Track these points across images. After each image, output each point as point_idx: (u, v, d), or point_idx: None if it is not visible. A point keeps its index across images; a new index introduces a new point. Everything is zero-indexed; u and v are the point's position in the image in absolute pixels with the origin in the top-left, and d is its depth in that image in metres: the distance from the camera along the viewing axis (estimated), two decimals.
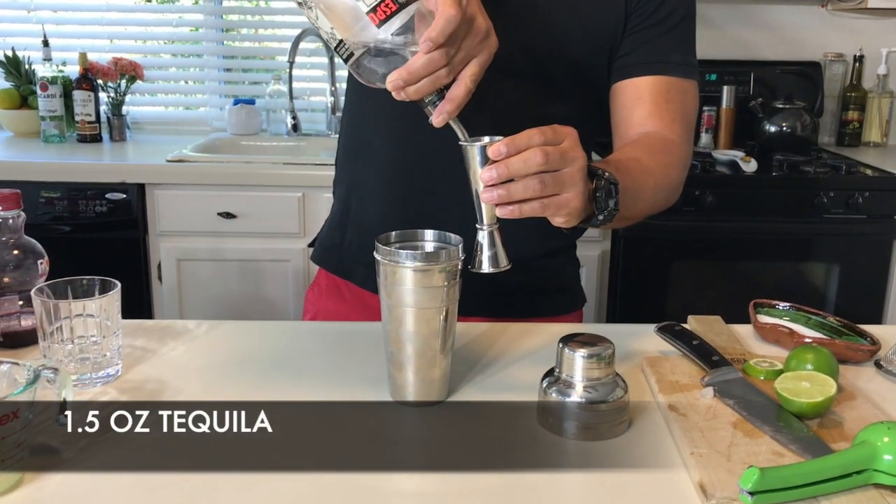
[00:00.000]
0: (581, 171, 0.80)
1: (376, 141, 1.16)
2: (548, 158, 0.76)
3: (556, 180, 0.78)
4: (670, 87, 1.08)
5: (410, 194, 1.14)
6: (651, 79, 1.07)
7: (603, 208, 0.85)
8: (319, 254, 1.27)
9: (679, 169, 1.07)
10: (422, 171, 1.12)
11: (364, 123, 1.19)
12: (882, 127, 2.83)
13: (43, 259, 0.98)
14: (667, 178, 1.04)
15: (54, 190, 2.25)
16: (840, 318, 1.04)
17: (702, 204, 2.29)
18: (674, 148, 1.06)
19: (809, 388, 0.81)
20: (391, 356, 0.86)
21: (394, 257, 0.82)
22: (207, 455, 0.76)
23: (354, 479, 0.72)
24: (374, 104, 1.15)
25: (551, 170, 0.77)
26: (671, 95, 1.08)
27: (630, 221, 0.99)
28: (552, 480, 0.73)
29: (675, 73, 1.08)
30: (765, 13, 2.80)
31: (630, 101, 1.08)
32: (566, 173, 0.78)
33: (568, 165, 0.78)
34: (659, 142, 1.06)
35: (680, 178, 1.08)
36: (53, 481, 0.71)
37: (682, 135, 1.08)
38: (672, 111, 1.07)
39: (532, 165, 0.76)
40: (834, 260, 2.38)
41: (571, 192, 0.79)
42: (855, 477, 0.68)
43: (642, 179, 0.97)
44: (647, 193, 0.99)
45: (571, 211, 0.80)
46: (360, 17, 0.76)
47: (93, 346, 0.87)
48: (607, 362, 0.79)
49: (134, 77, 2.67)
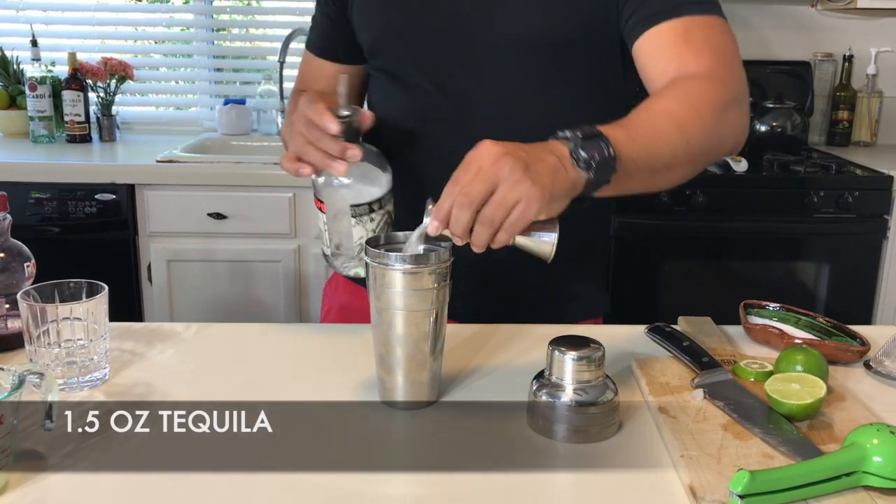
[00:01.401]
0: (522, 170, 0.75)
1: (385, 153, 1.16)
2: (472, 204, 0.75)
3: (497, 207, 0.75)
4: (689, 25, 0.96)
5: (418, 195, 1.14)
6: (664, 25, 0.97)
7: (589, 162, 0.79)
8: None
9: (714, 99, 0.91)
10: (427, 170, 1.12)
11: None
12: (871, 126, 2.84)
13: (29, 262, 0.97)
14: (696, 113, 0.90)
15: (43, 191, 2.24)
16: (830, 318, 1.04)
17: (692, 204, 2.29)
18: (700, 82, 0.93)
19: (799, 390, 0.81)
20: (381, 359, 0.86)
21: (383, 259, 0.81)
22: (194, 458, 0.75)
23: (343, 481, 0.72)
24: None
25: (482, 203, 0.75)
26: (691, 33, 0.96)
27: (670, 173, 0.89)
28: (542, 483, 0.73)
29: (692, 12, 0.97)
30: (755, 13, 2.80)
31: (650, 57, 0.99)
32: (507, 188, 0.75)
33: (503, 181, 0.75)
34: (678, 79, 0.94)
35: (719, 110, 0.92)
36: (39, 486, 0.70)
37: (713, 65, 0.94)
38: (695, 47, 0.95)
39: (463, 222, 0.76)
40: (824, 259, 2.39)
41: (528, 192, 0.75)
42: (844, 479, 0.68)
43: (654, 122, 0.88)
44: (672, 136, 0.87)
45: (533, 206, 0.75)
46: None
47: (80, 350, 0.87)
48: (597, 364, 0.79)
49: (124, 77, 2.65)
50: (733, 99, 0.95)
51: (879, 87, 2.84)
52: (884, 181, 2.34)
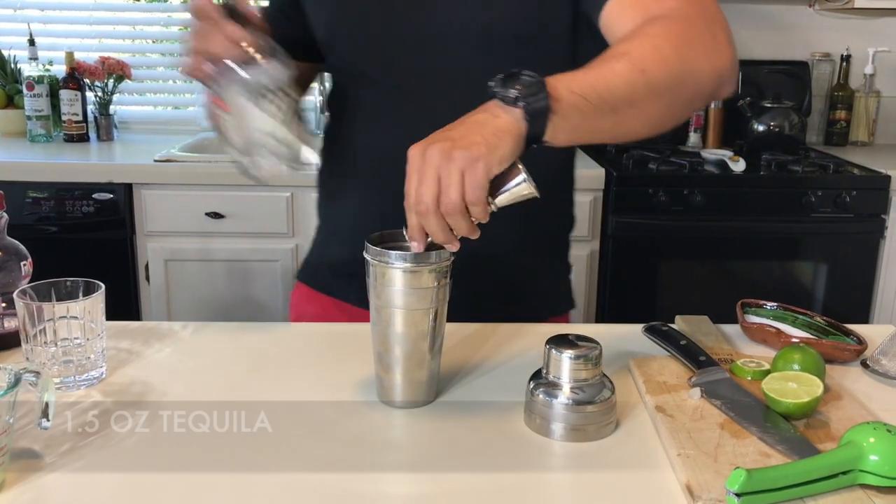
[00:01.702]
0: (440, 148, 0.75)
1: (351, 153, 1.15)
2: (431, 208, 0.75)
3: (451, 192, 0.74)
4: None
5: (384, 201, 1.13)
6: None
7: (515, 97, 0.76)
8: (304, 270, 1.27)
9: (673, 29, 0.86)
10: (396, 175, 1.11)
11: (341, 135, 1.17)
12: (869, 126, 2.85)
13: (26, 261, 0.97)
14: (650, 44, 0.85)
15: (41, 190, 2.24)
16: (827, 317, 1.04)
17: (690, 203, 2.30)
18: (661, 20, 0.87)
19: (796, 389, 0.81)
20: (379, 357, 0.86)
21: (383, 257, 0.81)
22: (191, 457, 0.75)
23: (341, 480, 0.72)
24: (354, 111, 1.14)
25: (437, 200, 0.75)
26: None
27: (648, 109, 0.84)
28: (539, 481, 0.73)
29: None
30: (753, 13, 2.80)
31: (615, 23, 0.94)
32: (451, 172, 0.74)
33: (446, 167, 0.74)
34: (641, 25, 0.89)
35: (679, 36, 0.86)
36: (35, 485, 0.70)
37: (677, 5, 0.89)
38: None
39: (437, 227, 0.76)
40: (822, 259, 2.39)
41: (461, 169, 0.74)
42: (841, 477, 0.68)
43: (603, 59, 0.84)
44: (620, 67, 0.82)
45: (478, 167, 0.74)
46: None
47: (76, 349, 0.87)
48: (594, 363, 0.79)
49: (121, 76, 2.65)
50: (700, 29, 0.88)
51: (877, 87, 2.85)
52: (881, 181, 2.35)
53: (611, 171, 2.29)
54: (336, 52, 1.13)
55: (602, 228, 2.33)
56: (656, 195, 2.29)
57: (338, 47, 1.12)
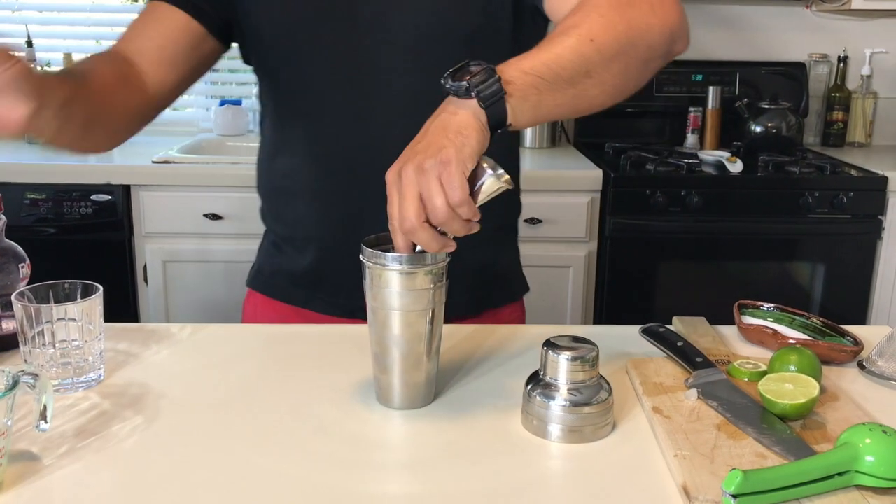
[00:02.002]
0: (415, 165, 0.75)
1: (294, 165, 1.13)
2: (417, 224, 0.75)
3: (435, 201, 0.74)
4: None
5: (332, 211, 1.11)
6: None
7: (467, 89, 0.76)
8: (257, 279, 1.24)
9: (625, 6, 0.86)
10: (346, 173, 1.10)
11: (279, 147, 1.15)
12: (866, 127, 2.85)
13: (24, 263, 0.97)
14: (594, 12, 0.85)
15: (39, 191, 2.24)
16: (824, 318, 1.04)
17: (688, 204, 2.30)
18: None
19: (793, 390, 0.81)
20: (376, 359, 0.86)
21: (379, 259, 0.81)
22: (189, 459, 0.75)
23: (338, 481, 0.72)
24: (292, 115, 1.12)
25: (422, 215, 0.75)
26: None
27: (605, 77, 0.84)
28: (536, 483, 0.73)
29: None
30: (750, 14, 2.81)
31: (561, 5, 0.95)
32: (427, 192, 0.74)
33: (418, 190, 0.75)
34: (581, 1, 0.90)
35: (637, 10, 0.87)
36: (33, 487, 0.70)
37: None
38: None
39: (428, 240, 0.76)
40: (819, 260, 2.40)
41: (437, 177, 0.74)
42: (837, 478, 0.68)
43: (549, 36, 0.85)
44: (567, 40, 0.83)
45: (452, 171, 0.74)
46: None
47: (75, 351, 0.87)
48: (591, 365, 0.79)
49: None
50: (661, 2, 0.89)
51: (874, 88, 2.85)
52: (878, 182, 2.35)
53: (608, 172, 2.30)
54: (279, 53, 1.10)
55: (599, 229, 2.33)
56: (654, 196, 2.29)
57: (282, 47, 1.09)
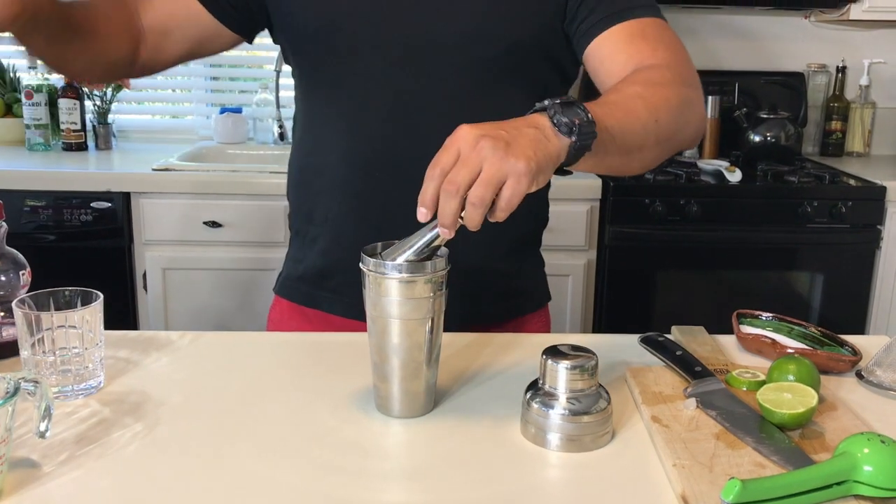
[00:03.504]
0: (500, 145, 0.74)
1: (330, 163, 1.13)
2: (457, 187, 0.73)
3: (486, 186, 0.73)
4: (643, 26, 1.03)
5: (367, 211, 1.11)
6: (621, 26, 1.03)
7: (572, 126, 0.77)
8: (284, 286, 1.26)
9: (678, 85, 0.97)
10: (375, 187, 1.10)
11: (315, 146, 1.15)
12: (865, 137, 2.86)
13: (25, 270, 0.97)
14: (661, 94, 0.94)
15: (39, 199, 2.24)
16: (822, 328, 1.04)
17: (687, 213, 2.30)
18: (660, 69, 0.98)
19: (791, 399, 0.81)
20: (376, 368, 0.86)
21: (380, 268, 0.82)
22: (189, 466, 0.75)
23: (338, 489, 0.72)
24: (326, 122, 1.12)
25: (468, 188, 0.73)
26: (647, 32, 1.03)
27: (642, 153, 0.90)
28: (535, 492, 0.73)
29: (643, 14, 1.04)
30: (749, 24, 2.82)
31: (605, 57, 1.03)
32: (494, 164, 0.73)
33: (487, 157, 0.73)
34: (642, 69, 0.98)
35: (683, 94, 0.97)
36: (34, 494, 0.70)
37: (669, 58, 1.01)
38: (651, 43, 1.02)
39: (452, 207, 0.73)
40: (818, 269, 2.40)
41: (506, 174, 0.73)
42: (835, 488, 0.68)
43: (629, 103, 0.90)
44: (642, 113, 0.90)
45: (523, 181, 0.74)
46: None
47: (75, 358, 0.87)
48: (590, 374, 0.80)
49: (120, 85, 2.66)
50: (693, 86, 1.00)
51: (872, 98, 2.86)
52: (877, 191, 2.36)
53: (607, 181, 2.30)
54: (326, 45, 1.10)
55: (599, 238, 2.33)
56: (653, 205, 2.30)
57: (329, 41, 1.09)
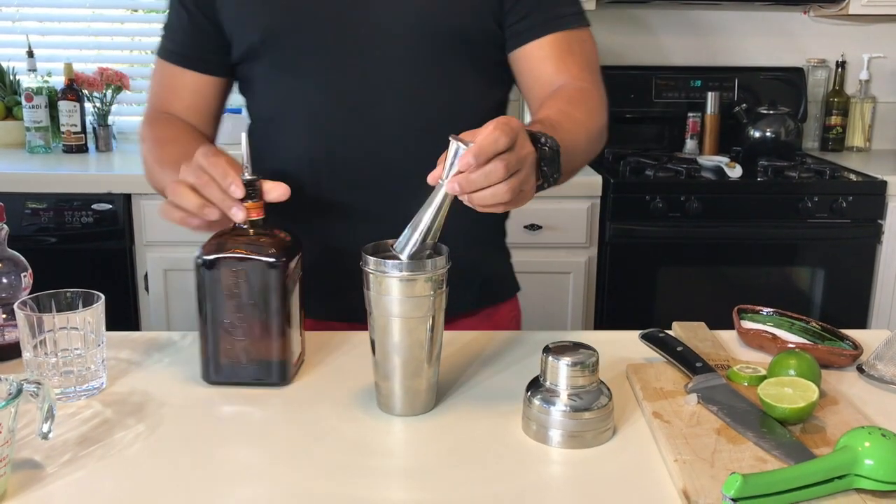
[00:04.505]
0: (533, 166, 0.82)
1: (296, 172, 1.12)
2: (507, 169, 0.77)
3: (519, 182, 0.79)
4: (570, 39, 1.09)
5: (331, 212, 1.13)
6: (550, 37, 1.08)
7: (548, 176, 0.86)
8: None
9: (601, 114, 1.08)
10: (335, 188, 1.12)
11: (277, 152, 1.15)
12: (865, 132, 2.86)
13: (26, 272, 0.97)
14: (595, 124, 1.05)
15: (40, 201, 2.24)
16: (823, 322, 1.04)
17: (687, 210, 2.30)
18: (591, 94, 1.08)
19: (792, 394, 0.81)
20: (377, 366, 0.86)
21: (380, 267, 0.82)
22: (192, 466, 0.76)
23: (340, 487, 0.72)
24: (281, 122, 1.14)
25: (511, 174, 0.78)
26: (573, 47, 1.09)
27: (570, 176, 0.99)
28: (537, 488, 0.73)
29: (570, 25, 1.09)
30: (748, 20, 2.82)
31: (536, 63, 1.10)
32: (524, 173, 0.80)
33: (524, 165, 0.80)
34: (576, 92, 1.07)
35: (603, 122, 1.08)
36: (37, 495, 0.71)
37: (594, 81, 1.10)
38: (578, 62, 1.09)
39: (493, 180, 0.77)
40: (819, 264, 2.40)
41: (528, 186, 0.82)
42: (837, 482, 0.69)
43: (576, 133, 0.98)
44: (582, 145, 1.00)
45: (527, 199, 0.83)
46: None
47: (77, 359, 0.87)
48: (591, 370, 0.80)
49: (120, 87, 2.66)
50: (606, 112, 1.10)
51: (872, 93, 2.86)
52: (877, 186, 2.36)
53: (608, 178, 2.30)
54: (265, 55, 1.11)
55: (599, 235, 2.33)
56: (653, 202, 2.30)
57: (267, 49, 1.10)
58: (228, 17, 1.11)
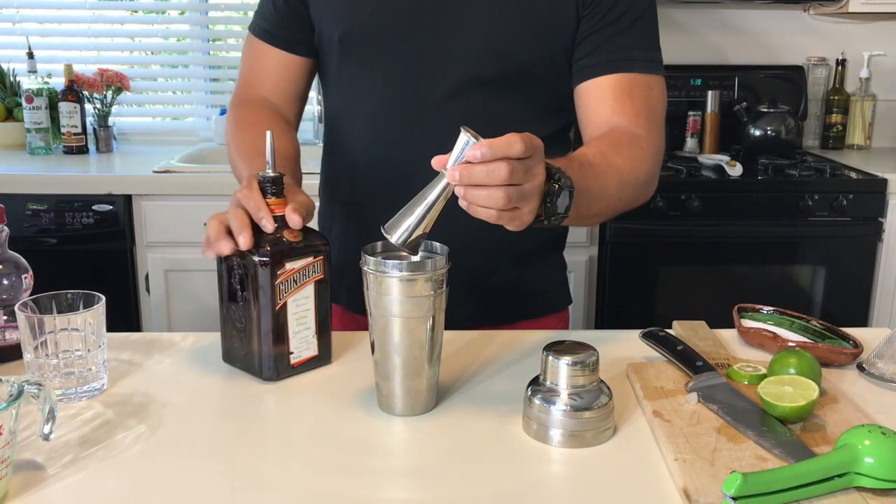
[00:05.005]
0: (539, 188, 0.79)
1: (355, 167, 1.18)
2: (512, 175, 0.74)
3: (519, 195, 0.76)
4: (633, 83, 1.07)
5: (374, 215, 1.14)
6: (613, 77, 1.07)
7: (551, 213, 0.83)
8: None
9: (648, 163, 1.05)
10: (381, 191, 1.13)
11: (343, 146, 1.19)
12: (865, 130, 2.86)
13: (27, 273, 0.97)
14: (634, 172, 1.02)
15: (41, 202, 2.24)
16: (823, 321, 1.04)
17: (688, 208, 2.30)
18: (641, 142, 1.05)
19: (792, 393, 0.81)
20: (377, 366, 0.86)
21: (380, 267, 0.82)
22: (193, 467, 0.76)
23: (341, 487, 0.72)
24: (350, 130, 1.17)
25: (514, 184, 0.76)
26: (635, 91, 1.07)
27: (595, 220, 0.96)
28: (538, 488, 0.73)
29: (638, 70, 1.07)
30: (748, 18, 2.82)
31: (593, 101, 1.08)
32: (527, 189, 0.77)
33: (529, 181, 0.77)
34: (625, 136, 1.04)
35: (650, 172, 1.06)
36: (38, 496, 0.71)
37: (649, 129, 1.07)
38: (637, 106, 1.07)
39: (494, 179, 0.74)
40: (819, 262, 2.40)
41: (527, 208, 0.79)
42: (837, 480, 0.69)
43: (607, 177, 0.96)
44: (612, 191, 0.97)
45: (522, 224, 0.80)
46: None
47: (78, 361, 0.87)
48: (591, 369, 0.80)
49: (120, 88, 2.66)
50: (658, 162, 1.08)
51: (873, 91, 2.86)
52: (878, 184, 2.35)
53: None
54: (347, 55, 1.13)
55: (600, 234, 2.34)
56: (654, 200, 2.29)
57: (349, 51, 1.13)
58: (316, 6, 1.14)
